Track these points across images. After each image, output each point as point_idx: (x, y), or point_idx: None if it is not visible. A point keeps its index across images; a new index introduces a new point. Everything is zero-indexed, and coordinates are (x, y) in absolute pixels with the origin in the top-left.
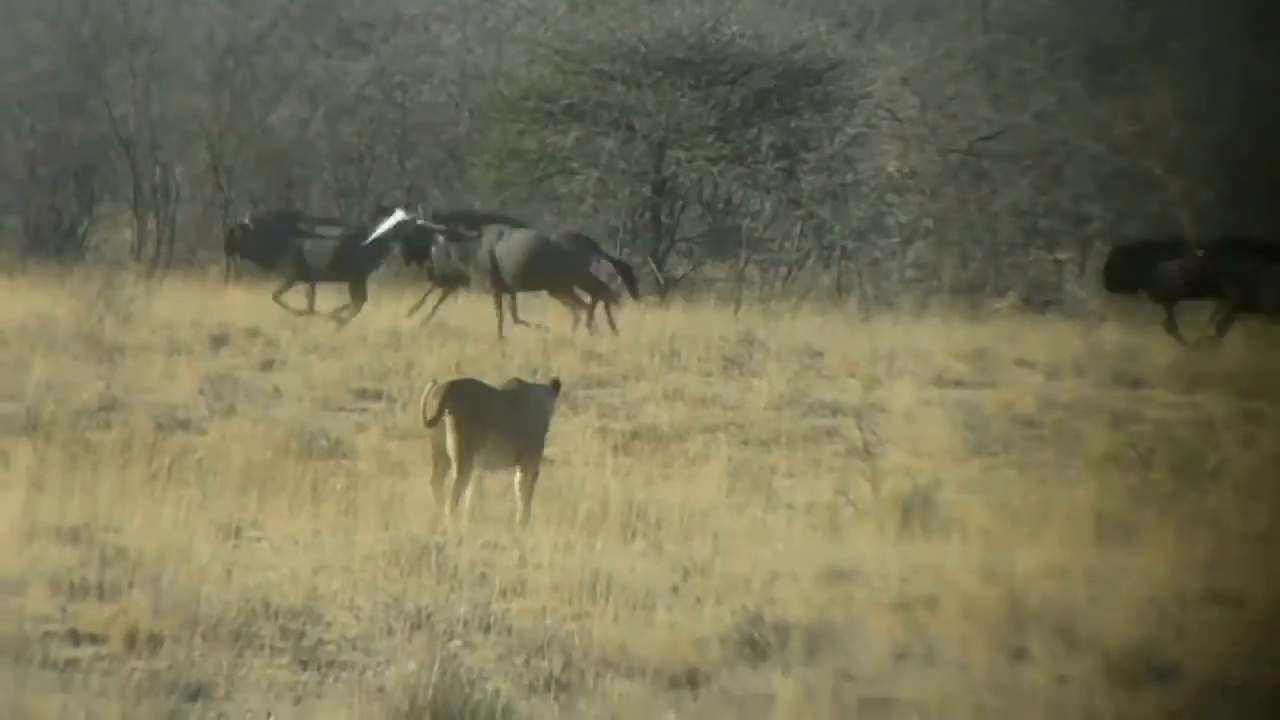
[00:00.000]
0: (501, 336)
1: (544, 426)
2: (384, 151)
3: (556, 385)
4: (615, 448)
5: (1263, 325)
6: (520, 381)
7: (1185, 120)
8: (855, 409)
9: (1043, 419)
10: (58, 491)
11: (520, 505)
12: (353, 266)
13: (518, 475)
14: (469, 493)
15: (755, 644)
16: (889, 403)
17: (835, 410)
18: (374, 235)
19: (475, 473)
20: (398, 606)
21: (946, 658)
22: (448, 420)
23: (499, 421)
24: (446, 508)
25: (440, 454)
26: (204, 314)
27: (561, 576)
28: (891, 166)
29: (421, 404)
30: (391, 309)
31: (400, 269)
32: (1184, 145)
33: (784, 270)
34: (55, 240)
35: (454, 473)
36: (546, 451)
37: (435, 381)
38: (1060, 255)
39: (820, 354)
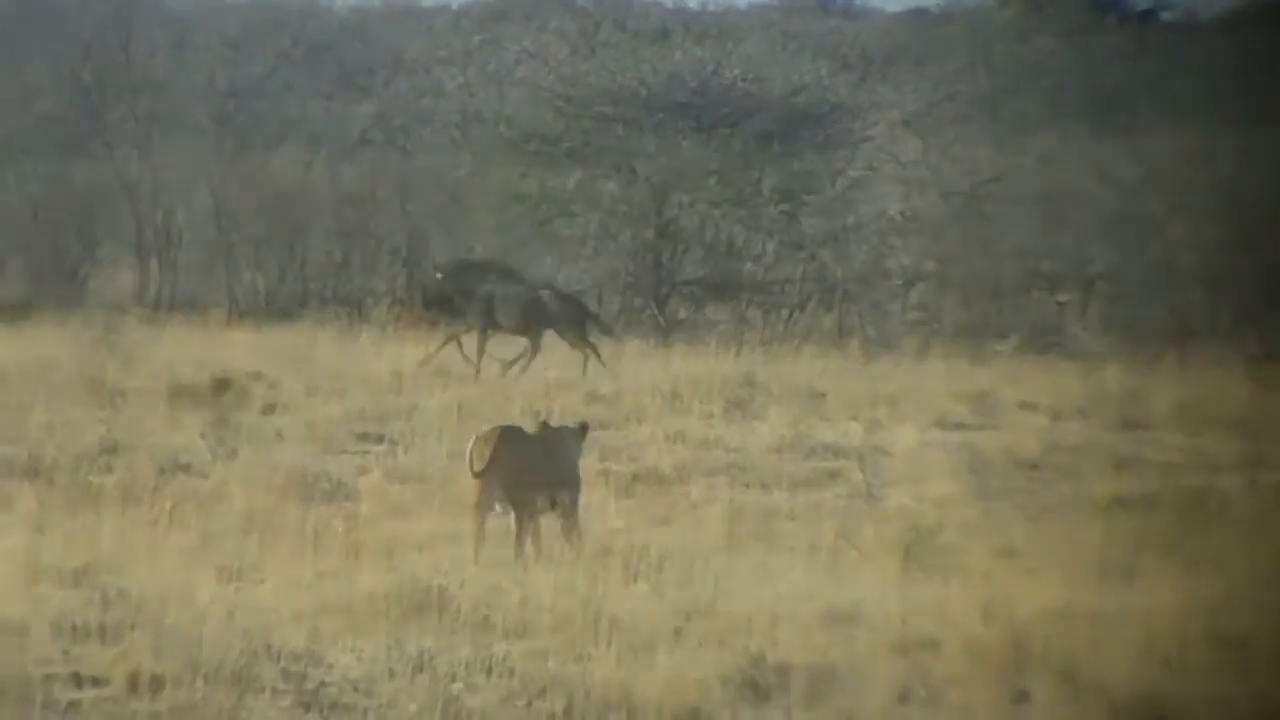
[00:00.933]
0: None
1: (576, 470)
2: (386, 195)
3: (584, 428)
4: (617, 490)
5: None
6: (548, 425)
7: (1187, 161)
8: (857, 451)
9: (1045, 461)
10: (60, 534)
11: (569, 545)
12: None
13: (560, 519)
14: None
15: (757, 686)
16: (891, 445)
17: (837, 453)
18: None
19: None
20: (399, 649)
21: (949, 700)
22: (501, 468)
23: (539, 466)
24: (519, 550)
25: (485, 499)
26: (206, 357)
27: (563, 619)
28: (893, 209)
29: (468, 454)
30: (395, 351)
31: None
32: (1186, 186)
33: (785, 313)
34: (57, 283)
35: (517, 517)
36: None
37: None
38: (1062, 297)
39: (822, 396)
